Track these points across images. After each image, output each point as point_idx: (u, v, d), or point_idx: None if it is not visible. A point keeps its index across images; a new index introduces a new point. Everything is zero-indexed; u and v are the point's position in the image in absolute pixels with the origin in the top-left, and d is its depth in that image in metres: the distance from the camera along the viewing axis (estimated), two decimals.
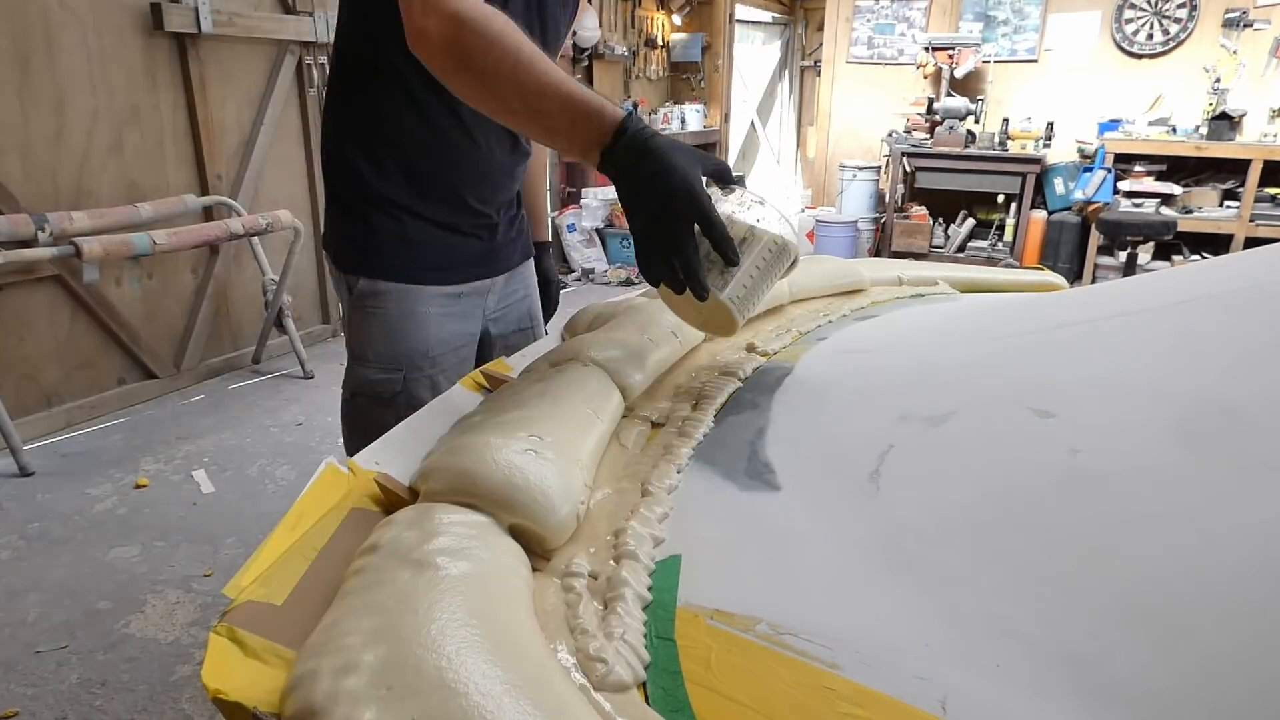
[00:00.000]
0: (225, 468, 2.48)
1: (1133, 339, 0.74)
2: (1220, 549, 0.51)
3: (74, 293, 2.65)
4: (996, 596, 0.53)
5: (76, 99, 2.61)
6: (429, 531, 0.58)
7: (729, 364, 0.90)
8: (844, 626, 0.52)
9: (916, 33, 5.32)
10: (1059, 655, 0.48)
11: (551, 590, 0.56)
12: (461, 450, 0.65)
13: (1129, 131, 4.76)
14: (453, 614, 0.49)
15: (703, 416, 0.78)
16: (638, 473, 0.70)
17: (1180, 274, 0.90)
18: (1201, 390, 0.63)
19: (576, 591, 0.55)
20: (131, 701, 1.55)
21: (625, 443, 0.76)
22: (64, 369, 2.69)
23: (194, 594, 1.88)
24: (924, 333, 0.99)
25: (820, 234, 5.21)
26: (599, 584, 0.56)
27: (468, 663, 0.45)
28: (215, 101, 3.05)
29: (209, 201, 2.99)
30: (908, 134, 5.21)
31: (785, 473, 0.69)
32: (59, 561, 1.98)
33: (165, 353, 3.01)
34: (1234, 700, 0.43)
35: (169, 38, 2.86)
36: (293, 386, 3.15)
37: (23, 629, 1.74)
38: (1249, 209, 4.45)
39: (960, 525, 0.59)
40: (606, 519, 0.64)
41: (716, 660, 0.50)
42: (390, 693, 0.43)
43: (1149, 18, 4.78)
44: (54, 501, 2.26)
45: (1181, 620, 0.48)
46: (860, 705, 0.46)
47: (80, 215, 2.53)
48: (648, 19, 5.74)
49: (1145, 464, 0.58)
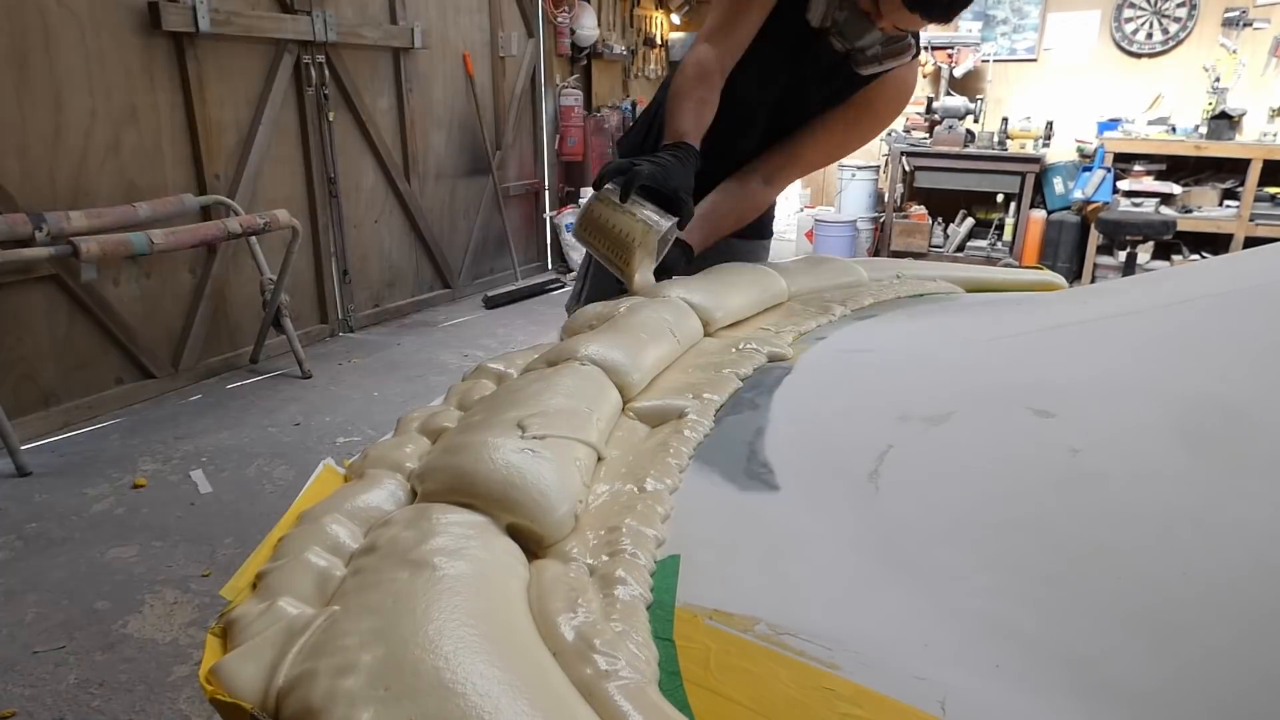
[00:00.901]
0: (223, 468, 2.48)
1: (1132, 339, 0.74)
2: (1220, 549, 0.51)
3: (72, 292, 2.65)
4: (996, 596, 0.52)
5: (74, 98, 2.61)
6: (426, 531, 0.58)
7: (729, 361, 0.90)
8: (843, 627, 0.51)
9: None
10: (1059, 655, 0.48)
11: (551, 573, 0.55)
12: (459, 450, 0.65)
13: (1128, 131, 4.77)
14: (450, 614, 0.49)
15: (703, 417, 0.78)
16: (636, 472, 0.70)
17: (1180, 274, 0.90)
18: (1202, 390, 0.62)
19: (579, 584, 0.55)
20: (129, 702, 1.55)
21: (624, 440, 0.75)
22: (62, 369, 2.69)
23: (192, 594, 1.87)
24: (923, 333, 0.98)
25: (819, 234, 5.21)
26: (597, 579, 0.56)
27: (465, 663, 0.45)
28: (213, 101, 3.05)
29: (207, 201, 2.98)
30: (907, 133, 5.20)
31: (784, 473, 0.69)
32: (57, 562, 1.98)
33: (163, 353, 3.01)
34: (1233, 700, 0.43)
35: (167, 37, 2.85)
36: (291, 386, 3.15)
37: (20, 629, 1.74)
38: (1249, 208, 4.45)
39: (960, 525, 0.59)
40: (605, 517, 0.64)
41: (715, 661, 0.49)
42: (388, 693, 0.43)
43: (1148, 17, 4.78)
44: (52, 502, 2.26)
45: (1181, 620, 0.48)
46: (859, 705, 0.46)
47: (78, 215, 2.52)
48: (646, 18, 5.74)
49: (1145, 464, 0.58)
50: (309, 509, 0.62)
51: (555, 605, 0.52)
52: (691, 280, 1.09)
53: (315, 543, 0.57)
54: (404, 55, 3.88)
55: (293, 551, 0.57)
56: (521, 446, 0.63)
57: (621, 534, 0.60)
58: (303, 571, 0.55)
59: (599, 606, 0.53)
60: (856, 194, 5.41)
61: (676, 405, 0.79)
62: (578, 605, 0.53)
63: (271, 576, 0.55)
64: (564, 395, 0.73)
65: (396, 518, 0.62)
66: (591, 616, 0.51)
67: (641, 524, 0.61)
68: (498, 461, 0.61)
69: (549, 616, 0.51)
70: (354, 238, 3.79)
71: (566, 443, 0.66)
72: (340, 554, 0.58)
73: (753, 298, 1.09)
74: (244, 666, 0.47)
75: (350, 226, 3.76)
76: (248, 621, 0.51)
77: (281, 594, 0.53)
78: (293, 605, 0.52)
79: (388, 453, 0.71)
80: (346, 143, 3.67)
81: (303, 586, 0.54)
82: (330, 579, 0.55)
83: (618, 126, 5.10)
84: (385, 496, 0.65)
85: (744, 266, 1.18)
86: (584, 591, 0.54)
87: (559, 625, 0.50)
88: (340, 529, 0.60)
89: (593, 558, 0.58)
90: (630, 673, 0.47)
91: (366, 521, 0.61)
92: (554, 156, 5.02)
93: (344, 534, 0.59)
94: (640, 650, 0.49)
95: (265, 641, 0.48)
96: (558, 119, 4.94)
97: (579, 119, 4.96)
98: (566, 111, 4.92)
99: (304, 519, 0.61)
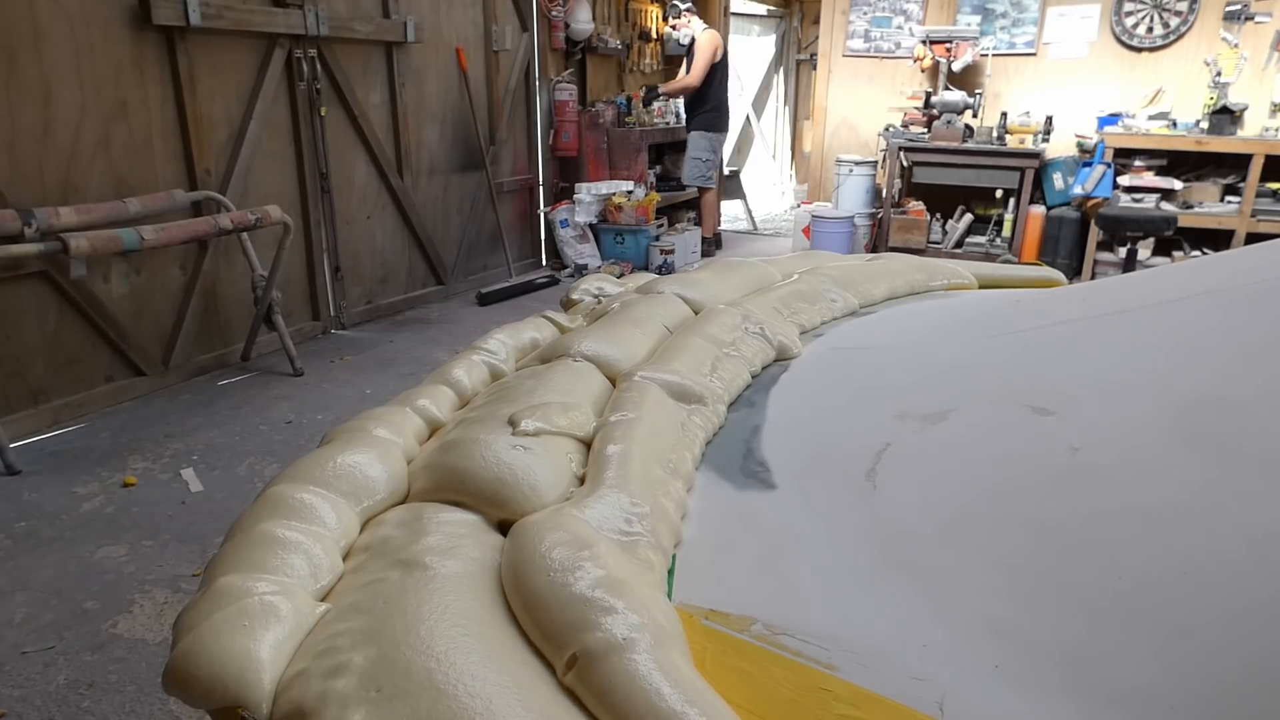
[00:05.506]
0: (214, 466, 2.46)
1: (1132, 336, 0.73)
2: (1220, 548, 0.50)
3: (61, 289, 2.62)
4: (995, 596, 0.52)
5: (64, 93, 2.58)
6: (418, 531, 0.57)
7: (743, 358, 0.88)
8: (841, 627, 0.51)
9: (914, 26, 5.31)
10: (1058, 655, 0.47)
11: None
12: (451, 448, 0.64)
13: (1129, 126, 4.76)
14: (442, 614, 0.48)
15: (720, 406, 0.77)
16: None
17: (1180, 270, 0.90)
18: (1202, 387, 0.62)
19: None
20: (119, 702, 1.54)
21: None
22: (51, 366, 2.66)
23: (182, 594, 1.86)
24: (922, 330, 0.98)
25: (816, 230, 5.20)
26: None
27: (457, 663, 0.44)
28: (204, 96, 3.02)
29: (197, 197, 2.96)
30: (905, 128, 5.19)
31: (781, 471, 0.68)
32: (46, 561, 1.96)
33: (153, 350, 2.98)
34: (1232, 699, 0.43)
35: (157, 31, 2.82)
36: (282, 384, 3.13)
37: (9, 629, 1.72)
38: (1250, 204, 4.44)
39: (958, 524, 0.58)
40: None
41: (712, 661, 0.49)
42: (380, 694, 0.43)
43: (1149, 10, 4.78)
44: (41, 500, 2.24)
45: (1181, 620, 0.47)
46: (857, 706, 0.45)
47: (67, 210, 2.49)
48: (641, 12, 5.72)
49: (1145, 461, 0.58)
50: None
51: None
52: (684, 275, 1.09)
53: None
54: (396, 49, 3.85)
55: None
56: (513, 443, 0.63)
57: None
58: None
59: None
60: (854, 190, 5.39)
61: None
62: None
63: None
64: (557, 391, 0.73)
65: (389, 517, 0.61)
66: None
67: (669, 500, 0.60)
68: (489, 459, 0.61)
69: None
70: (346, 234, 3.77)
71: (558, 438, 0.66)
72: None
73: (746, 291, 1.08)
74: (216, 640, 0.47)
75: (342, 222, 3.73)
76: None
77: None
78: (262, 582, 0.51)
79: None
80: (338, 138, 3.65)
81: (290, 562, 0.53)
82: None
83: (613, 121, 5.07)
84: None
85: (740, 261, 1.17)
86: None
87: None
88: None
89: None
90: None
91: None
92: (548, 152, 4.99)
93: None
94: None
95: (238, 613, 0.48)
96: (552, 114, 4.92)
97: (573, 114, 4.93)
98: (561, 106, 4.89)
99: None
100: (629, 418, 0.67)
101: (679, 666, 0.44)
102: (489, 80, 4.53)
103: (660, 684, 0.42)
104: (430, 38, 4.09)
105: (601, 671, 0.44)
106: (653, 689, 0.42)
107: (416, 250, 4.27)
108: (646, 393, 0.71)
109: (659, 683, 0.42)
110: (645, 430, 0.65)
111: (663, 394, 0.72)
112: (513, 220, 4.92)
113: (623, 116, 5.26)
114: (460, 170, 4.45)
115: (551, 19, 4.76)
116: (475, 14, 4.36)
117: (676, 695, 0.42)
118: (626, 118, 5.27)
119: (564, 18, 4.81)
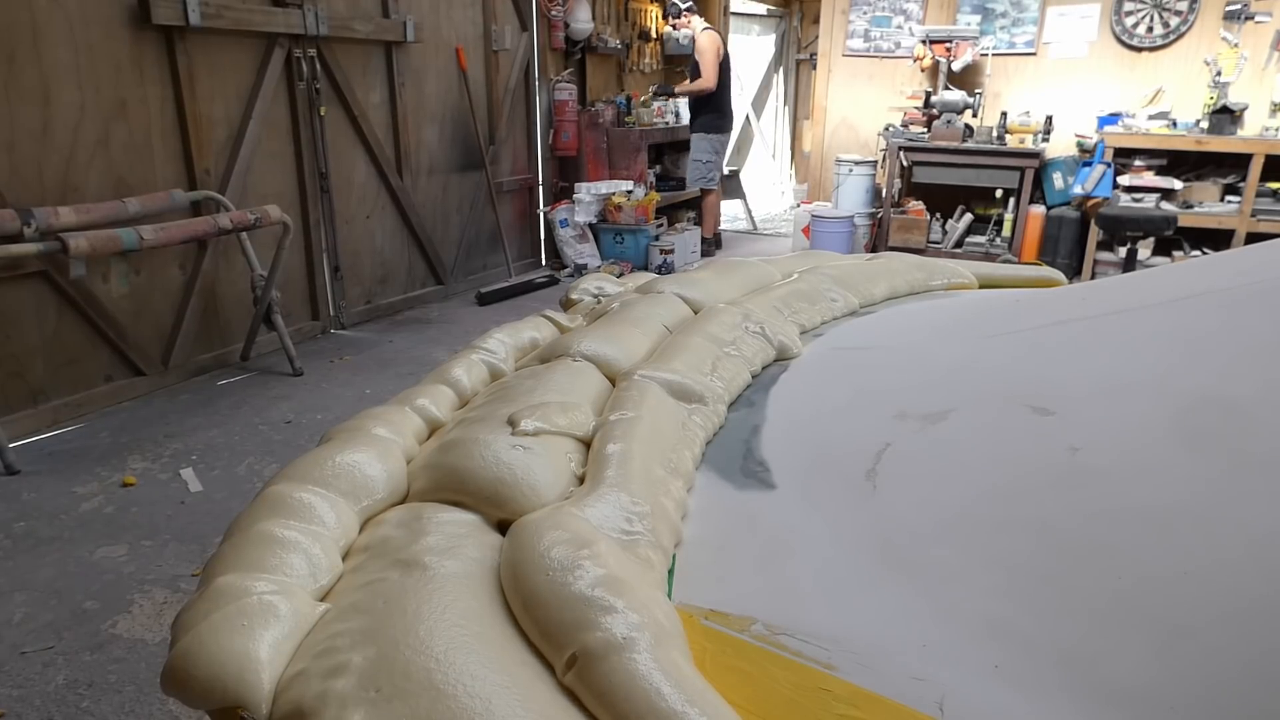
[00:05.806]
0: (213, 466, 2.46)
1: (1133, 336, 0.73)
2: (1220, 548, 0.50)
3: (61, 289, 2.62)
4: (995, 596, 0.52)
5: (63, 93, 2.58)
6: (418, 531, 0.57)
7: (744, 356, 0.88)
8: (840, 627, 0.51)
9: (914, 25, 5.31)
10: (1058, 655, 0.47)
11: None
12: (451, 448, 0.64)
13: (1129, 125, 4.75)
14: (441, 614, 0.48)
15: (720, 407, 0.77)
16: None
17: (1180, 270, 0.90)
18: (1202, 387, 0.62)
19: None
20: (118, 702, 1.54)
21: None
22: (50, 366, 2.66)
23: (182, 594, 1.86)
24: (921, 330, 0.98)
25: (816, 229, 5.20)
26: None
27: (457, 663, 0.44)
28: (203, 96, 3.02)
29: (197, 196, 2.96)
30: (905, 128, 5.19)
31: (781, 471, 0.68)
32: (45, 561, 1.96)
33: (153, 350, 2.98)
34: (1232, 699, 0.43)
35: (157, 30, 2.82)
36: (282, 384, 3.13)
37: (8, 629, 1.72)
38: (1250, 204, 4.44)
39: (958, 524, 0.58)
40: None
41: (712, 661, 0.49)
42: (379, 694, 0.42)
43: (1149, 10, 4.77)
44: (40, 500, 2.24)
45: (1181, 620, 0.47)
46: (856, 706, 0.45)
47: (67, 210, 2.49)
48: (641, 12, 5.72)
49: (1145, 462, 0.57)
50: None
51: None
52: (684, 275, 1.09)
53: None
54: (396, 49, 3.85)
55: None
56: (513, 443, 0.63)
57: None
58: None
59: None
60: (854, 189, 5.39)
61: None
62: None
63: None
64: (557, 391, 0.72)
65: (388, 517, 0.61)
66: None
67: (669, 499, 0.60)
68: (488, 458, 0.61)
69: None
70: (345, 233, 3.77)
71: (558, 438, 0.66)
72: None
73: (746, 291, 1.08)
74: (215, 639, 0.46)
75: (342, 222, 3.73)
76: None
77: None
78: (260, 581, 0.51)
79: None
80: (338, 138, 3.64)
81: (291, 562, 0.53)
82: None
83: (612, 121, 5.07)
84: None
85: (740, 261, 1.17)
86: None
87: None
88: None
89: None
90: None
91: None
92: (548, 151, 4.99)
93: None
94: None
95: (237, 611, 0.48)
96: (552, 114, 4.92)
97: (573, 114, 4.93)
98: (561, 106, 4.89)
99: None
100: (629, 416, 0.66)
101: (679, 666, 0.44)
102: (488, 80, 4.53)
103: (660, 684, 0.42)
104: (430, 37, 4.09)
105: (601, 671, 0.43)
106: (653, 689, 0.42)
107: (416, 250, 4.27)
108: (647, 391, 0.71)
109: (659, 682, 0.42)
110: (646, 429, 0.65)
111: (663, 393, 0.72)
112: (512, 220, 4.92)
113: (622, 116, 5.25)
114: (460, 170, 4.45)
115: (551, 19, 4.76)
116: (475, 14, 4.36)
117: (677, 695, 0.42)
118: (626, 117, 5.26)
119: (564, 17, 4.81)
